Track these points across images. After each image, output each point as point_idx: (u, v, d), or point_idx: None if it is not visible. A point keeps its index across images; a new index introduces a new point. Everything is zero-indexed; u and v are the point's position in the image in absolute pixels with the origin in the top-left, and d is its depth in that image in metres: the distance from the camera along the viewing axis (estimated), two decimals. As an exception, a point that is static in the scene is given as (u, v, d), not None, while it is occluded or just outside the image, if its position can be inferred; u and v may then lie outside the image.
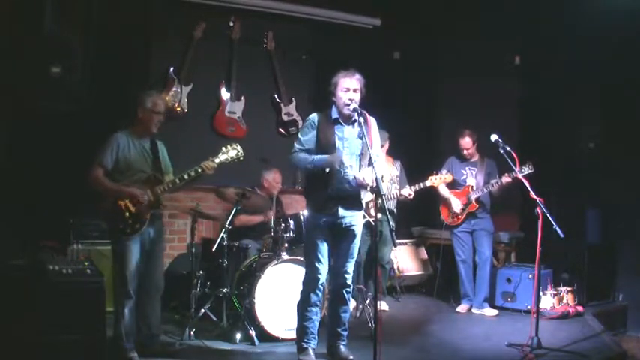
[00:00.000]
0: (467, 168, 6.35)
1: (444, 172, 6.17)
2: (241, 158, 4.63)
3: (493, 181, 6.11)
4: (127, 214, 4.29)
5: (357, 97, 4.29)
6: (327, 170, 4.27)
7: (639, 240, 6.94)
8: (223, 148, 4.61)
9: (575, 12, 6.76)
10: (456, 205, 6.25)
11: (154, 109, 4.48)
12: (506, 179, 5.91)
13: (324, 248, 4.36)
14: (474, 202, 6.22)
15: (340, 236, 4.41)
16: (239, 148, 4.63)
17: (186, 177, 4.44)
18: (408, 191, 6.01)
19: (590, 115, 7.24)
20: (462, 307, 6.35)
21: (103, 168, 4.35)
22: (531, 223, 5.09)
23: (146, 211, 4.35)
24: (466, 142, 6.27)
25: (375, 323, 3.87)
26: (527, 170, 5.63)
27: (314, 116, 4.44)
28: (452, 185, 6.31)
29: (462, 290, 6.39)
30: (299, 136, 4.46)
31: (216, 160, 4.53)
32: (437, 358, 4.88)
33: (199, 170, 4.46)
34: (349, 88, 4.30)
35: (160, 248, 4.61)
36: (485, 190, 6.16)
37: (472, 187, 6.25)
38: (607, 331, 5.77)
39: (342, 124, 4.37)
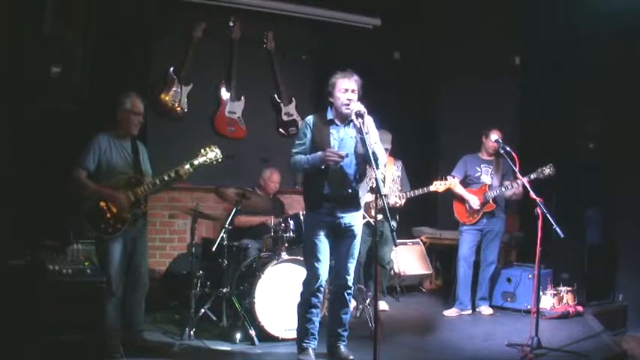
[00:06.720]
0: (482, 165, 6.20)
1: (450, 177, 6.06)
2: (220, 160, 4.69)
3: (511, 183, 5.95)
4: (109, 214, 4.35)
5: (354, 98, 4.29)
6: (323, 167, 4.25)
7: (639, 240, 6.94)
8: (202, 150, 4.64)
9: (575, 12, 6.77)
10: (474, 202, 6.06)
11: (133, 110, 4.52)
12: (525, 181, 5.54)
13: (323, 248, 4.35)
14: (491, 201, 6.07)
15: (340, 236, 4.41)
16: (217, 150, 4.67)
17: (166, 178, 4.49)
18: (395, 199, 5.94)
19: (590, 115, 7.23)
20: (450, 312, 6.16)
21: (85, 170, 4.40)
22: (531, 223, 5.08)
23: (127, 212, 4.39)
24: (494, 142, 5.95)
25: (375, 323, 3.87)
26: (547, 171, 5.64)
27: (309, 118, 4.45)
28: (466, 183, 6.19)
29: (457, 293, 6.23)
30: (295, 140, 4.47)
31: (195, 163, 4.57)
32: (437, 358, 4.87)
33: (175, 174, 4.50)
34: (347, 89, 4.30)
35: (143, 247, 4.66)
36: (503, 189, 6.00)
37: (489, 185, 6.11)
38: (607, 331, 5.77)
39: (337, 125, 4.39)
